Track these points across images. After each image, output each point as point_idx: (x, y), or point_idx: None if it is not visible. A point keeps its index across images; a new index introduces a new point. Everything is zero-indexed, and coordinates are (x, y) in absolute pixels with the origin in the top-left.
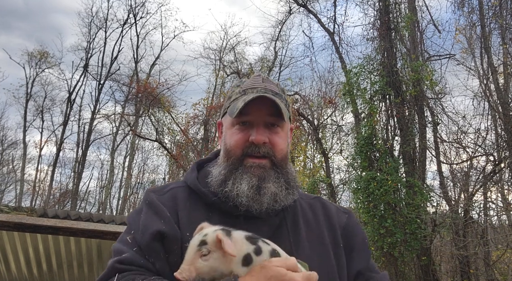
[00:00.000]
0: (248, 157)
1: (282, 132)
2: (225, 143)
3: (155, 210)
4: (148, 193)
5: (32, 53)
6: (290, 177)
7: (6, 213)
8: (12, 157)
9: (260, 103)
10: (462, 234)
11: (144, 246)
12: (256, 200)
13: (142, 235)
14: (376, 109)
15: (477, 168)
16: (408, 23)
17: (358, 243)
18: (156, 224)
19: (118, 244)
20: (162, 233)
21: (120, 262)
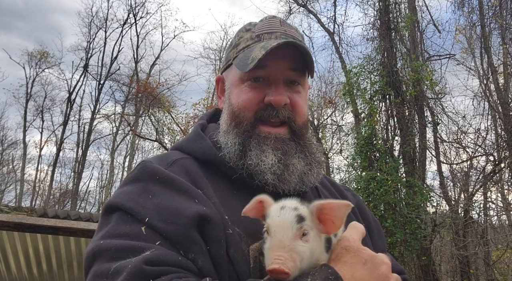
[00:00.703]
0: (261, 125)
1: (304, 92)
2: (231, 103)
3: (178, 187)
4: (150, 165)
5: (32, 53)
6: (314, 150)
7: (6, 213)
8: (12, 157)
9: (281, 53)
10: (462, 234)
11: (180, 237)
12: (284, 179)
13: (170, 222)
14: (376, 109)
15: (477, 168)
16: (408, 23)
17: (372, 221)
18: (192, 205)
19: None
20: (205, 217)
21: (149, 262)
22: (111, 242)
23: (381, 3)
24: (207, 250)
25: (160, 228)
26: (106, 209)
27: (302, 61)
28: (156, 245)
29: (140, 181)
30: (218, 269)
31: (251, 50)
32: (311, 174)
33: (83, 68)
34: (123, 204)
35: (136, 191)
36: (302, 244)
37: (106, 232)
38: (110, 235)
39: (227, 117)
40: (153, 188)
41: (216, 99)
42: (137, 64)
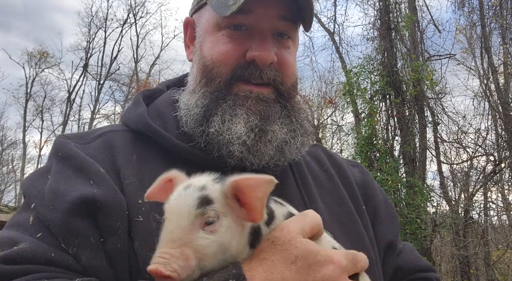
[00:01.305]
0: (240, 83)
1: (294, 47)
2: (203, 55)
3: (76, 166)
4: (60, 140)
5: (31, 53)
6: (302, 115)
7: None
8: (12, 157)
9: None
10: (462, 234)
11: (58, 227)
12: (256, 150)
13: (52, 209)
14: (376, 109)
15: (477, 168)
16: (408, 23)
17: (381, 204)
18: (80, 186)
19: (7, 230)
20: (92, 201)
21: (8, 260)
22: (3, 232)
23: (381, 3)
24: (100, 243)
25: (43, 215)
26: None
27: (295, 9)
28: (37, 237)
29: (49, 158)
30: (115, 266)
31: None
32: (294, 143)
33: (82, 68)
34: (24, 187)
35: (40, 171)
36: (205, 236)
37: (11, 220)
38: (7, 225)
39: (196, 73)
40: (54, 167)
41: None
42: (137, 64)
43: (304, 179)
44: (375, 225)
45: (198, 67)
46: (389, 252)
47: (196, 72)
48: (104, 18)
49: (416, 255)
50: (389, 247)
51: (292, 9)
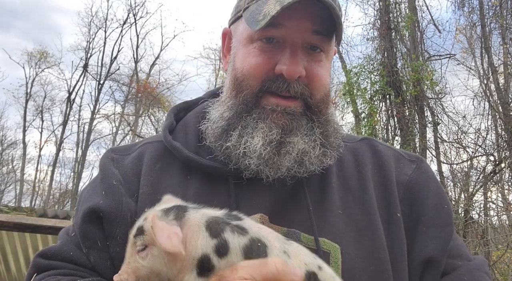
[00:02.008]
0: (268, 95)
1: (327, 61)
2: (235, 67)
3: (101, 177)
4: (106, 153)
5: (31, 53)
6: (330, 129)
7: (6, 213)
8: (12, 157)
9: (302, 9)
10: (462, 234)
11: (78, 229)
12: (272, 163)
13: (77, 214)
14: (376, 109)
15: (477, 168)
16: (408, 23)
17: (430, 211)
18: (94, 197)
19: (64, 230)
20: (97, 210)
21: (42, 255)
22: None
23: (381, 3)
24: (107, 246)
25: (76, 223)
26: None
27: (329, 22)
28: (70, 237)
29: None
30: (117, 266)
31: (265, 1)
32: (314, 153)
33: (82, 68)
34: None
35: (90, 182)
36: (137, 261)
37: None
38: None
39: (229, 84)
40: (94, 179)
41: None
42: (137, 64)
43: (324, 179)
44: (416, 235)
45: (230, 78)
46: (429, 268)
47: (229, 83)
48: (104, 18)
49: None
50: (429, 263)
51: (325, 23)
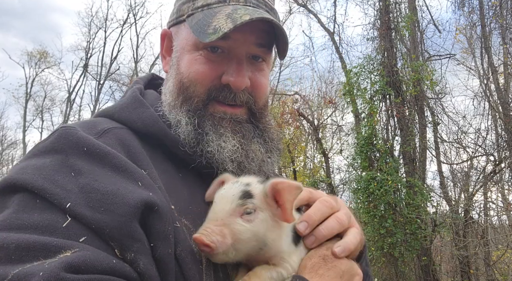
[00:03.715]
0: (215, 103)
1: (267, 69)
2: (180, 71)
3: (115, 164)
4: (75, 131)
5: (31, 53)
6: (274, 136)
7: None
8: (12, 157)
9: (248, 24)
10: (462, 234)
11: (116, 230)
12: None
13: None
14: (376, 109)
15: (477, 168)
16: (408, 23)
17: None
18: (134, 189)
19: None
20: (151, 206)
21: (71, 268)
22: (8, 236)
23: (381, 3)
24: (150, 248)
25: (88, 217)
26: (3, 188)
27: (270, 35)
28: (80, 242)
29: (58, 152)
30: (162, 273)
31: (213, 13)
32: (270, 162)
33: (82, 68)
34: (30, 182)
35: (52, 165)
36: (241, 223)
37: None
38: (6, 226)
39: (173, 87)
40: (78, 163)
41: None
42: (137, 64)
43: None
44: None
45: (175, 82)
46: None
47: (173, 86)
48: (104, 18)
49: None
50: None
51: (268, 36)
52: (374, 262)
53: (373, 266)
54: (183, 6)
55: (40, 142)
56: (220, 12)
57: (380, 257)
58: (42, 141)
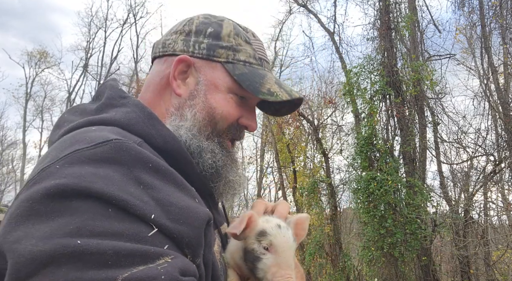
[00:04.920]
0: (226, 138)
1: None
2: (211, 105)
3: (176, 181)
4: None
5: (31, 53)
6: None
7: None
8: (12, 157)
9: None
10: (462, 234)
11: (193, 240)
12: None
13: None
14: (376, 109)
15: (477, 168)
16: (408, 23)
17: None
18: (198, 205)
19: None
20: (210, 220)
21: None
22: (99, 242)
23: (381, 3)
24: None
25: (170, 228)
26: (64, 193)
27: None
28: (165, 249)
29: (119, 164)
30: (206, 275)
31: (261, 75)
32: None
33: (82, 68)
34: (103, 190)
35: (118, 176)
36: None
37: (75, 228)
38: (88, 233)
39: (200, 117)
40: (144, 177)
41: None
42: (137, 64)
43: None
44: None
45: (204, 113)
46: None
47: (201, 117)
48: (104, 18)
49: None
50: None
51: None
52: (374, 262)
53: (373, 266)
54: (219, 49)
55: (83, 150)
56: (267, 76)
57: (380, 257)
58: (86, 149)
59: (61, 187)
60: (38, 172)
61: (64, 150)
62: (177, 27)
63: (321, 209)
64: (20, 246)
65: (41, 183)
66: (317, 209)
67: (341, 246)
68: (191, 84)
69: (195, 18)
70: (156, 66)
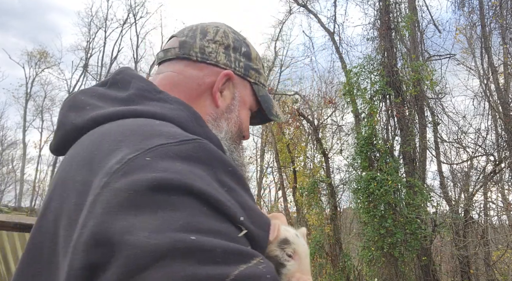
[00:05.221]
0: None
1: None
2: (240, 120)
3: (246, 186)
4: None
5: (31, 53)
6: None
7: (6, 213)
8: (12, 157)
9: None
10: (462, 234)
11: (264, 244)
12: None
13: (259, 227)
14: (376, 109)
15: (477, 168)
16: (408, 23)
17: None
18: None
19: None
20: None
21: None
22: (208, 240)
23: (381, 3)
24: None
25: (253, 231)
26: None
27: None
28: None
29: (205, 164)
30: None
31: (272, 99)
32: None
33: (82, 68)
34: (201, 189)
35: (208, 176)
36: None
37: (185, 223)
38: (195, 229)
39: (233, 129)
40: (226, 180)
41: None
42: (137, 64)
43: None
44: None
45: (235, 126)
46: None
47: (233, 128)
48: (104, 18)
49: None
50: None
51: None
52: (374, 262)
53: (373, 266)
54: (251, 70)
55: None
56: (273, 99)
57: (380, 257)
58: (171, 144)
59: (164, 181)
60: (124, 162)
61: (144, 142)
62: (212, 35)
63: (321, 209)
64: (133, 238)
65: (136, 174)
66: (317, 209)
67: (341, 246)
68: (228, 98)
69: (227, 30)
70: (188, 69)
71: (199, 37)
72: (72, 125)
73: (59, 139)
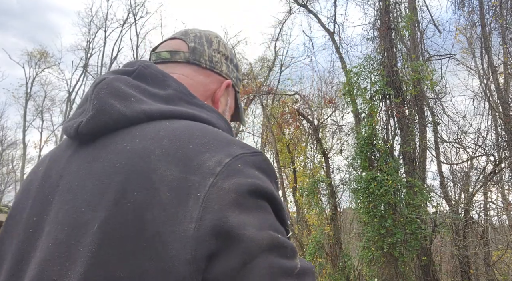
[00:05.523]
0: None
1: None
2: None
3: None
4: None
5: (31, 53)
6: None
7: (6, 213)
8: (12, 157)
9: None
10: (462, 234)
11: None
12: None
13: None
14: (376, 109)
15: (477, 168)
16: (408, 23)
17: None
18: None
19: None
20: None
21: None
22: (281, 238)
23: (381, 3)
24: None
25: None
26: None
27: None
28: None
29: (270, 175)
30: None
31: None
32: None
33: (82, 68)
34: (278, 197)
35: (272, 185)
36: None
37: (272, 223)
38: (274, 229)
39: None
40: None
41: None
42: None
43: None
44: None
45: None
46: None
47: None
48: (104, 18)
49: None
50: None
51: None
52: (374, 262)
53: (373, 266)
54: (238, 81)
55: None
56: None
57: (380, 257)
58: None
59: (257, 186)
60: (223, 165)
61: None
62: (216, 45)
63: (321, 209)
64: (248, 232)
65: (237, 178)
66: (317, 209)
67: (341, 246)
68: (223, 103)
69: (222, 40)
70: (197, 75)
71: (207, 46)
72: (119, 114)
73: (101, 124)
